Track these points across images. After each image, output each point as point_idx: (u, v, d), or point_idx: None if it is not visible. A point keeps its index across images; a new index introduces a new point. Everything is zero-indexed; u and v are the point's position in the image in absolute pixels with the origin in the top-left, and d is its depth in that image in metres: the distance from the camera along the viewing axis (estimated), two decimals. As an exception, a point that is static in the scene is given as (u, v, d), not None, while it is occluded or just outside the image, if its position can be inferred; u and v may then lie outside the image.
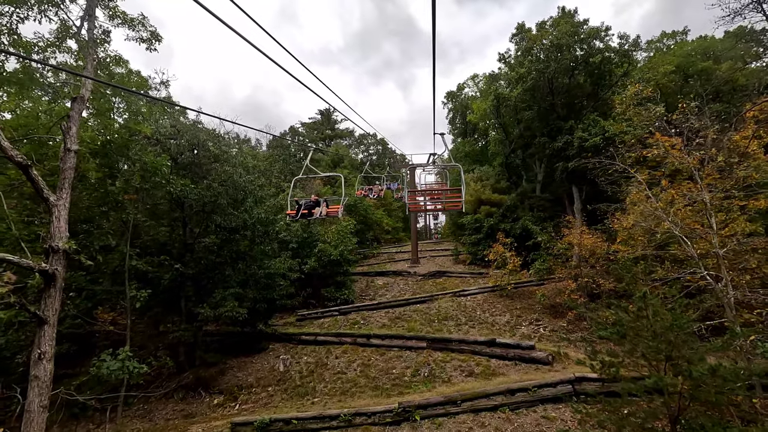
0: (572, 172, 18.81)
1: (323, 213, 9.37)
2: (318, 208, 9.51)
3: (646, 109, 11.90)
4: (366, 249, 32.36)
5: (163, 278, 13.22)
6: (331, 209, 9.84)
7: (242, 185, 13.22)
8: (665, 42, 26.64)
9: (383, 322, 16.83)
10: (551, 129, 20.00)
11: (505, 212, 23.91)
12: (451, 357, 12.84)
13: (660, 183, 13.92)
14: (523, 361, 12.12)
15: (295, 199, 10.02)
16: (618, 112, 13.82)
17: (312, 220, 9.96)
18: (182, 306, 14.12)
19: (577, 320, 15.04)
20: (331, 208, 10.03)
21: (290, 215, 9.62)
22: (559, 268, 16.80)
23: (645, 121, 11.83)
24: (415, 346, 13.76)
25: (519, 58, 20.76)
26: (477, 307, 17.51)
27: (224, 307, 12.91)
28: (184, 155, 13.12)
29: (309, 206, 9.63)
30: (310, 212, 9.45)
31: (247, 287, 14.72)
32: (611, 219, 15.67)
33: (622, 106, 12.91)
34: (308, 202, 9.83)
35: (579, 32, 18.24)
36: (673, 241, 12.86)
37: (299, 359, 14.20)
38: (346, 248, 20.93)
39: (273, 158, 27.48)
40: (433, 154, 24.64)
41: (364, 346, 14.42)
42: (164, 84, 20.16)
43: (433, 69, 5.25)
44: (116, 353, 7.97)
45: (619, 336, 7.14)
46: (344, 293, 20.19)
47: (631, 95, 12.35)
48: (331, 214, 9.83)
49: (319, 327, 17.20)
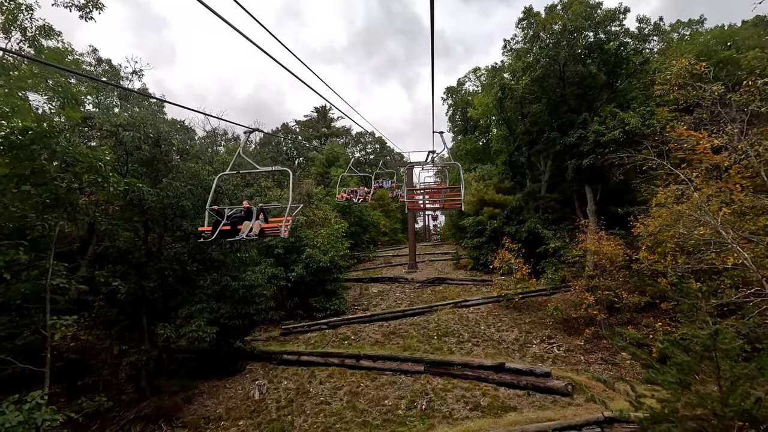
0: (586, 170, 17.02)
1: (254, 231, 6.50)
2: (248, 223, 6.63)
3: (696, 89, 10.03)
4: (361, 252, 30.56)
5: (120, 291, 11.41)
6: (269, 225, 7.09)
7: (209, 185, 11.36)
8: (680, 31, 24.89)
9: (376, 338, 15.01)
10: (562, 123, 18.21)
11: (510, 214, 22.15)
12: (452, 384, 11.04)
13: (691, 181, 12.18)
14: (537, 391, 10.33)
15: (214, 208, 6.91)
16: (658, 94, 11.94)
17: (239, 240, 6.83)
18: (144, 324, 12.29)
19: (595, 338, 13.25)
20: (271, 222, 7.34)
21: (204, 233, 6.77)
22: (573, 277, 15.02)
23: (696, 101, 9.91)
24: (411, 369, 11.97)
25: (526, 45, 18.96)
26: (481, 320, 15.71)
27: (189, 326, 11.09)
28: (144, 150, 11.28)
29: (235, 220, 6.83)
30: (235, 228, 6.65)
31: (221, 301, 12.90)
32: (633, 222, 13.89)
33: (664, 86, 11.04)
34: (235, 213, 7.10)
35: (593, 15, 16.46)
36: (706, 249, 11.13)
37: (278, 384, 12.38)
38: (337, 253, 19.11)
39: (260, 156, 25.63)
40: (432, 152, 22.93)
41: (353, 369, 12.61)
42: (137, 73, 18.32)
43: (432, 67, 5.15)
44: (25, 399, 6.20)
45: (682, 386, 5.32)
46: (335, 303, 18.37)
47: (677, 72, 10.43)
48: (270, 232, 7.02)
49: (305, 343, 15.38)
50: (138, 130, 10.59)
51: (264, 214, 7.34)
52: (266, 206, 7.72)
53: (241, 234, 6.46)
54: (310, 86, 6.59)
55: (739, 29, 23.81)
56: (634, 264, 13.38)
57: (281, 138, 36.80)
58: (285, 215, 6.86)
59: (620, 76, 17.59)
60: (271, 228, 7.02)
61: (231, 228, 6.64)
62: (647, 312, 14.08)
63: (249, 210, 7.01)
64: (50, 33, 8.43)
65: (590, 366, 12.10)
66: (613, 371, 11.78)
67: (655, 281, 13.04)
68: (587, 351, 12.81)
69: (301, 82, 5.84)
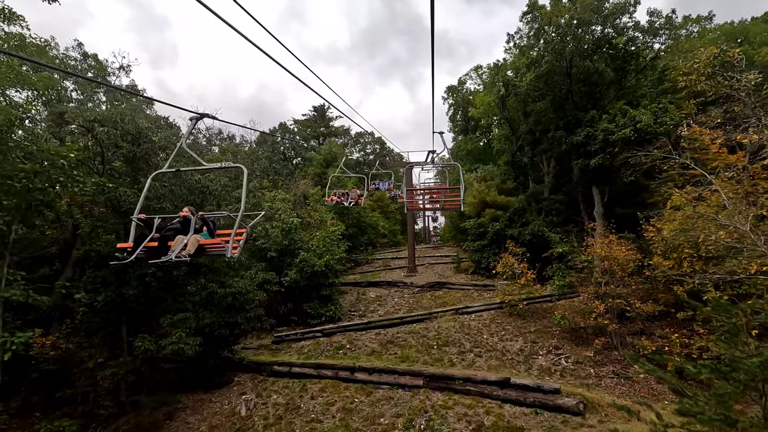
0: (593, 171, 16.23)
1: (188, 249, 4.81)
2: (182, 238, 4.93)
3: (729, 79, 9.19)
4: (359, 255, 29.78)
5: (96, 300, 10.62)
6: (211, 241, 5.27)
7: (195, 185, 10.59)
8: (689, 28, 24.11)
9: (373, 347, 14.20)
10: (568, 121, 17.41)
11: (512, 216, 21.35)
12: (453, 401, 10.23)
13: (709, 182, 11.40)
14: (546, 409, 9.52)
15: (141, 217, 5.20)
16: (681, 86, 11.09)
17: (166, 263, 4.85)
18: (123, 334, 11.49)
19: (606, 349, 12.45)
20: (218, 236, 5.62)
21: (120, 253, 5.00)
22: (580, 283, 14.22)
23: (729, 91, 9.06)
24: (409, 384, 11.15)
25: (531, 40, 18.18)
26: (483, 328, 14.90)
27: (170, 338, 10.30)
28: (123, 147, 10.49)
29: (168, 233, 5.18)
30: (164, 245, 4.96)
31: (207, 309, 12.12)
32: (645, 226, 13.11)
33: (691, 77, 10.16)
34: (169, 225, 5.44)
35: (602, 8, 15.67)
36: (726, 255, 10.33)
37: (267, 399, 11.57)
38: (333, 257, 18.30)
39: (255, 156, 24.85)
40: (432, 151, 22.19)
41: (348, 382, 11.81)
42: (124, 69, 17.53)
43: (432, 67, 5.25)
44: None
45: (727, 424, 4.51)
46: (330, 309, 17.57)
47: (705, 61, 9.53)
48: (212, 250, 5.28)
49: (298, 352, 14.57)
50: (115, 126, 9.81)
51: (209, 226, 5.69)
52: (210, 215, 6.03)
53: (170, 254, 4.73)
54: (310, 87, 6.38)
55: (749, 25, 23.08)
56: (647, 270, 12.59)
57: (278, 137, 36.04)
58: (234, 227, 4.98)
59: (629, 72, 16.80)
60: (213, 245, 5.20)
61: (159, 244, 4.91)
62: (660, 321, 13.30)
63: (186, 220, 5.21)
64: (11, 17, 7.67)
65: (601, 380, 11.30)
66: (626, 386, 10.99)
67: (670, 289, 12.27)
68: (597, 363, 12.01)
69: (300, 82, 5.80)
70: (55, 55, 16.58)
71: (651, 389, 10.87)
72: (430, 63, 4.85)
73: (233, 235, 4.99)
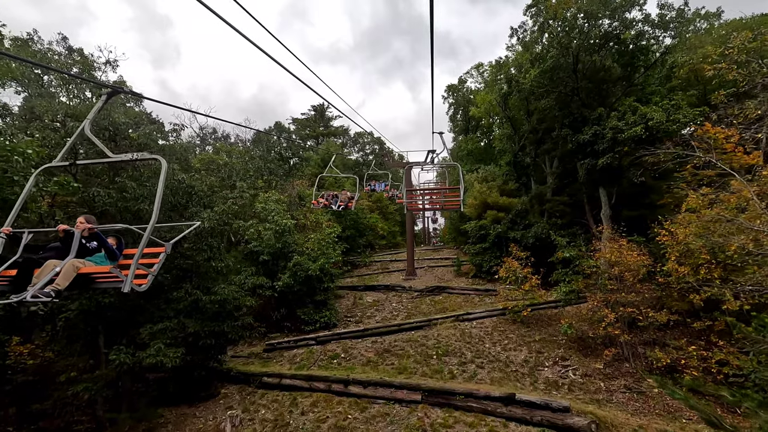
0: (600, 171, 15.49)
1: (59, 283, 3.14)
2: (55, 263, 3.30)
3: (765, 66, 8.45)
4: (357, 257, 29.02)
5: (69, 309, 9.87)
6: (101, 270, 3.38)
7: (178, 186, 9.84)
8: (697, 24, 23.39)
9: (368, 356, 13.45)
10: (574, 119, 16.68)
11: (515, 218, 20.60)
12: (454, 418, 9.48)
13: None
14: (554, 429, 8.77)
15: (8, 230, 3.43)
16: (710, 75, 10.24)
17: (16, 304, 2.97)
18: (101, 344, 10.74)
19: (617, 361, 11.71)
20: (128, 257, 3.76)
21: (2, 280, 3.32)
22: (588, 290, 13.47)
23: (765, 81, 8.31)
24: (406, 398, 10.40)
25: (535, 34, 17.45)
26: (485, 336, 14.16)
27: (148, 350, 9.54)
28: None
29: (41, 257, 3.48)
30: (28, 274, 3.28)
31: (191, 318, 11.35)
32: (657, 230, 12.37)
33: (721, 65, 9.35)
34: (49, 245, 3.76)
35: (610, 1, 14.95)
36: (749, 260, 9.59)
37: (254, 414, 10.81)
38: (328, 260, 17.55)
39: (249, 155, 24.10)
40: (431, 151, 21.49)
41: (341, 396, 11.06)
42: (110, 64, 16.78)
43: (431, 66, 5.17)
44: None
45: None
46: (325, 315, 16.80)
47: (739, 45, 8.70)
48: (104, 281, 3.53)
49: (290, 362, 13.83)
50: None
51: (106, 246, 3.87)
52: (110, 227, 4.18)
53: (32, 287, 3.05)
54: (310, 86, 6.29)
55: (760, 19, 22.34)
56: (660, 276, 11.84)
57: (274, 136, 35.31)
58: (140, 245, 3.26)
59: (638, 68, 16.07)
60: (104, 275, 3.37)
61: (19, 272, 3.28)
62: (673, 330, 12.55)
63: (68, 236, 3.60)
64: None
65: (612, 395, 10.54)
66: (640, 402, 10.22)
67: (684, 297, 11.53)
68: (608, 376, 11.26)
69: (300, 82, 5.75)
70: (39, 50, 15.88)
71: (666, 405, 10.09)
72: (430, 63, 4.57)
73: (137, 258, 3.25)
